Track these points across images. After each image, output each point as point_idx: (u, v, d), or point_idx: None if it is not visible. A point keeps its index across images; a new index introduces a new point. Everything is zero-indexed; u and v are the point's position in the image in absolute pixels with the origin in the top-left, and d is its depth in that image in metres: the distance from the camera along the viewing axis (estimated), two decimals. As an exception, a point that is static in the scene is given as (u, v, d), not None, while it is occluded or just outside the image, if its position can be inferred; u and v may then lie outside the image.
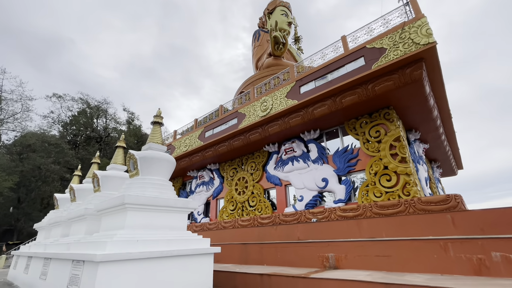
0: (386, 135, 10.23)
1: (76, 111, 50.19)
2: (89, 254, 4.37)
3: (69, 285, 4.99)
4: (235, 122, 14.33)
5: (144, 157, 6.22)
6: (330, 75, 10.76)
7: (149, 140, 6.96)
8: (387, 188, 9.65)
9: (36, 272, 7.27)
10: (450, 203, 7.33)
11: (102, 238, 4.97)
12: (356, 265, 6.34)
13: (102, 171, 8.08)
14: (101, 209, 5.81)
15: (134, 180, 6.02)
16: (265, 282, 6.19)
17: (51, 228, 9.58)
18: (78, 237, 6.73)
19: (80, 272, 4.75)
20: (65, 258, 5.46)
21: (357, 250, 6.50)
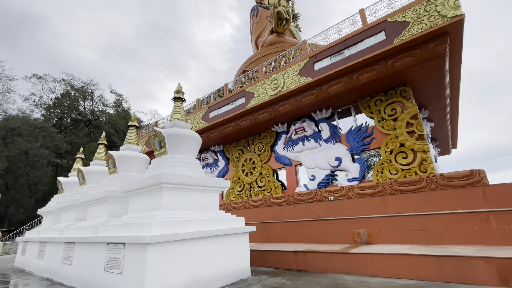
0: (403, 113, 10.15)
1: (59, 93, 47.54)
2: (135, 236, 4.10)
3: (107, 269, 4.74)
4: (242, 102, 13.86)
5: (172, 134, 5.82)
6: (347, 51, 10.40)
7: (173, 117, 6.51)
8: (403, 165, 9.71)
9: (55, 258, 6.95)
10: (474, 178, 7.42)
11: (141, 220, 4.68)
12: (390, 240, 6.43)
13: (116, 151, 7.59)
14: (130, 189, 5.46)
15: (163, 159, 5.66)
16: (300, 259, 6.18)
17: (61, 213, 9.13)
18: (100, 220, 6.39)
19: (120, 255, 4.48)
20: (97, 241, 5.16)
21: (391, 225, 6.55)
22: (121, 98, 51.16)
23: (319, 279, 5.19)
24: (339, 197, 10.01)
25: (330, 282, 4.91)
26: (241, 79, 14.67)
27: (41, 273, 7.53)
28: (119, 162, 7.34)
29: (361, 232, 6.88)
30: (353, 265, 5.43)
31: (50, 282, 6.36)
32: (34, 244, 8.73)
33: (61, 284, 6.17)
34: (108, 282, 4.61)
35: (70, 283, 5.88)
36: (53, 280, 6.61)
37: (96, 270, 5.03)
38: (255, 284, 5.00)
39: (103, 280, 4.75)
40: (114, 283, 4.47)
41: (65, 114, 45.64)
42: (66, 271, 6.20)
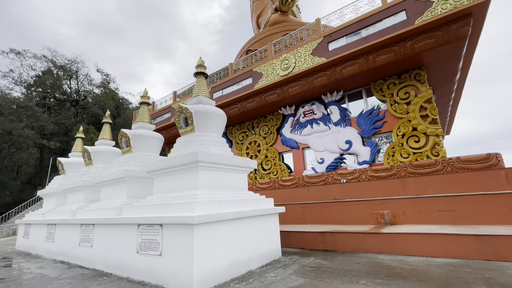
0: (417, 97, 10.10)
1: (40, 70, 44.65)
2: (179, 217, 3.85)
3: (142, 251, 4.51)
4: (249, 82, 13.41)
5: (200, 111, 5.46)
6: (364, 31, 10.08)
7: (197, 93, 6.11)
8: (415, 149, 9.80)
9: (70, 240, 6.62)
10: (491, 161, 7.54)
11: (177, 200, 4.42)
12: (415, 221, 6.53)
13: (130, 129, 7.14)
14: (157, 168, 5.14)
15: (192, 137, 5.33)
16: (328, 240, 6.18)
17: (66, 194, 8.66)
18: (119, 201, 6.06)
19: (158, 236, 4.25)
20: (125, 222, 4.89)
21: (417, 206, 6.63)
22: (108, 78, 48.80)
23: (354, 258, 5.21)
24: (352, 179, 10.04)
25: (367, 261, 4.94)
26: (248, 59, 14.10)
27: (52, 255, 7.20)
28: (134, 141, 6.91)
29: (385, 213, 6.94)
30: (385, 245, 5.48)
31: (67, 265, 6.07)
32: (39, 226, 8.30)
33: (80, 266, 5.91)
34: (143, 264, 4.40)
35: (92, 266, 5.63)
36: (69, 263, 6.32)
37: (126, 252, 4.79)
38: (292, 264, 4.95)
39: (136, 262, 4.53)
40: (151, 265, 4.26)
41: (48, 93, 43.11)
42: (85, 254, 5.92)
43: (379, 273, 4.16)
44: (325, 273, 4.29)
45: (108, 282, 4.45)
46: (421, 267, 4.30)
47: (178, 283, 3.78)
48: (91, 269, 5.55)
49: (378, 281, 3.70)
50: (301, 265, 4.86)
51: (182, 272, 3.76)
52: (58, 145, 31.99)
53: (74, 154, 10.51)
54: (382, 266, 4.51)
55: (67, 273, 5.32)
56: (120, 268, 4.84)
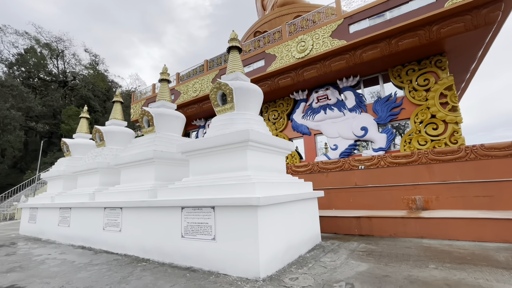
0: (437, 84, 9.99)
1: (22, 48, 41.82)
2: (241, 198, 3.54)
3: (187, 235, 4.20)
4: (261, 65, 12.92)
5: (241, 88, 5.06)
6: (389, 13, 9.74)
7: (233, 69, 5.67)
8: (433, 136, 9.78)
9: (91, 224, 6.21)
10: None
11: (228, 181, 4.09)
12: (449, 206, 6.52)
13: (152, 108, 6.64)
14: (197, 148, 4.76)
15: (233, 116, 4.95)
16: (364, 225, 6.09)
17: (77, 177, 8.11)
18: (148, 183, 5.67)
19: (210, 219, 3.94)
20: (165, 205, 4.54)
21: (452, 191, 6.61)
22: (97, 59, 46.27)
23: (399, 243, 5.14)
24: (370, 166, 9.95)
25: (415, 245, 4.87)
26: (260, 40, 13.51)
27: (68, 241, 6.76)
28: (157, 120, 6.43)
29: (417, 198, 6.91)
30: (428, 229, 5.44)
31: (91, 251, 5.69)
32: (49, 210, 7.77)
33: (107, 252, 5.54)
34: (191, 249, 4.11)
35: (122, 251, 5.28)
36: (92, 248, 5.93)
37: (167, 236, 4.48)
38: (339, 249, 4.82)
39: (181, 247, 4.23)
40: (201, 250, 3.98)
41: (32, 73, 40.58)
42: (112, 239, 5.54)
43: (440, 257, 4.07)
44: (382, 257, 4.17)
45: (152, 267, 4.15)
46: (478, 251, 4.26)
47: (239, 268, 3.53)
48: (122, 254, 5.21)
49: (448, 265, 3.60)
50: (350, 250, 4.74)
51: (244, 257, 3.51)
52: (47, 128, 30.40)
53: (79, 135, 9.85)
54: (436, 250, 4.45)
55: (98, 258, 4.97)
56: (161, 254, 4.53)
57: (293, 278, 3.32)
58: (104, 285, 3.42)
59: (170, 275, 3.74)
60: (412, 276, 3.25)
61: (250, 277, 3.40)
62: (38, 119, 31.13)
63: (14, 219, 17.56)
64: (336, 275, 3.40)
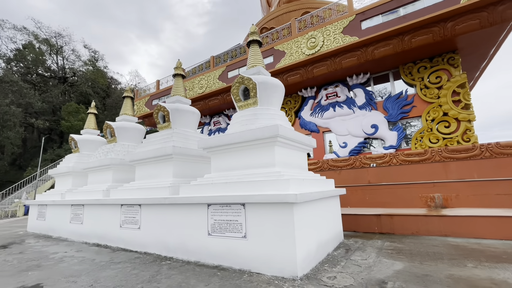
0: (449, 81, 9.92)
1: (20, 43, 41.23)
2: (278, 195, 3.44)
3: (214, 232, 4.09)
4: (270, 61, 12.77)
5: (265, 82, 4.94)
6: (402, 9, 9.63)
7: (255, 63, 5.54)
8: (444, 134, 9.73)
9: (106, 221, 6.08)
10: (533, 146, 7.50)
11: (257, 177, 3.98)
12: (470, 204, 6.46)
13: (168, 104, 6.48)
14: (222, 144, 4.64)
15: (257, 111, 4.83)
16: (385, 222, 6.02)
17: (87, 173, 7.95)
18: (166, 180, 5.54)
19: (240, 217, 3.83)
20: (189, 202, 4.43)
21: (473, 189, 6.56)
22: (96, 55, 45.70)
23: (425, 241, 5.08)
24: (382, 164, 9.89)
25: (443, 243, 4.81)
26: (269, 36, 13.35)
27: (81, 238, 6.62)
28: (173, 116, 6.29)
29: (435, 196, 6.85)
30: (452, 228, 5.38)
31: (109, 249, 5.55)
32: (60, 207, 7.61)
33: (125, 249, 5.42)
34: (219, 247, 4.00)
35: (142, 249, 5.16)
36: (109, 246, 5.80)
37: (192, 234, 4.36)
38: (366, 247, 4.74)
39: (208, 245, 4.12)
40: (231, 248, 3.87)
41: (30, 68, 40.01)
42: (130, 236, 5.41)
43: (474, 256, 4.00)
44: (414, 256, 4.10)
45: (178, 266, 4.04)
46: (510, 250, 4.20)
47: (274, 267, 3.43)
48: (141, 252, 5.08)
49: (486, 264, 3.54)
50: (376, 248, 4.66)
51: (278, 255, 3.41)
52: (47, 125, 30.03)
53: (87, 131, 9.66)
54: (465, 249, 4.39)
55: (117, 256, 4.84)
56: (185, 252, 4.41)
57: (331, 277, 3.23)
58: (135, 284, 3.30)
59: (200, 273, 3.64)
60: (454, 275, 3.17)
61: (286, 276, 3.30)
62: (38, 116, 30.72)
63: (16, 216, 17.33)
64: (374, 274, 3.31)
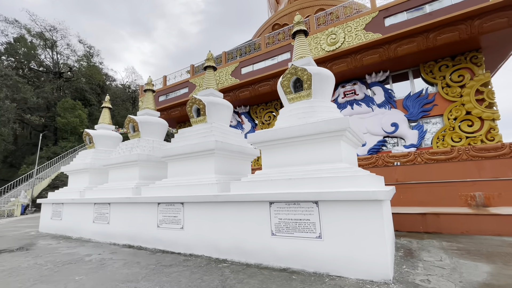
0: (472, 80, 9.88)
1: (12, 37, 39.67)
2: (365, 192, 3.17)
3: (279, 232, 3.81)
4: (287, 57, 12.52)
5: (319, 74, 4.67)
6: (428, 6, 9.53)
7: (303, 54, 5.27)
8: (468, 133, 9.68)
9: (139, 221, 5.69)
10: None
11: (327, 173, 3.71)
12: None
13: (204, 97, 6.13)
14: (278, 138, 4.35)
15: (313, 103, 4.56)
16: (430, 222, 5.86)
17: (108, 170, 7.49)
18: (207, 176, 5.20)
19: (312, 215, 3.56)
20: (248, 200, 4.14)
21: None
22: (91, 51, 44.35)
23: (482, 240, 4.95)
24: (406, 162, 9.77)
25: (504, 243, 4.66)
26: (285, 32, 13.08)
27: (109, 239, 6.19)
28: (209, 110, 5.95)
29: (476, 194, 6.74)
30: (507, 227, 5.24)
31: (146, 251, 5.17)
32: (80, 206, 7.15)
33: (164, 251, 5.04)
34: (287, 249, 3.70)
35: (186, 250, 4.80)
36: (144, 248, 5.41)
37: (251, 235, 4.07)
38: (425, 247, 4.53)
39: (272, 246, 3.82)
40: (302, 249, 3.58)
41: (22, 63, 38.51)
42: (171, 237, 5.05)
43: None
44: (488, 256, 3.94)
45: (240, 269, 3.72)
46: None
47: (358, 269, 3.18)
48: (186, 254, 4.73)
49: None
50: (440, 248, 4.48)
51: (364, 257, 3.16)
52: (42, 121, 28.86)
53: (102, 126, 9.17)
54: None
55: (163, 259, 4.48)
56: (242, 254, 4.10)
57: (424, 280, 3.00)
58: (209, 290, 2.99)
59: (272, 277, 3.34)
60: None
61: (376, 279, 3.05)
62: (31, 112, 29.53)
63: (13, 215, 16.52)
64: (468, 276, 3.11)
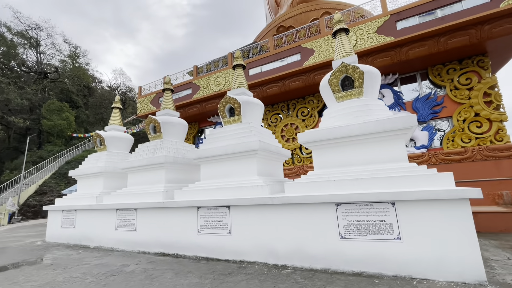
0: (480, 83, 10.23)
1: (-10, 35, 37.41)
2: (454, 191, 3.08)
3: (349, 235, 3.64)
4: (297, 59, 12.49)
5: (369, 71, 4.60)
6: (440, 11, 9.81)
7: (348, 52, 5.19)
8: (477, 134, 10.00)
9: (174, 226, 5.30)
10: None
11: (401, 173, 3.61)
12: None
13: (239, 96, 5.90)
14: (336, 137, 4.21)
15: (367, 102, 4.46)
16: None
17: (128, 174, 6.98)
18: (250, 178, 4.95)
19: (388, 216, 3.42)
20: (307, 202, 3.94)
21: None
22: (77, 51, 42.61)
23: None
24: (421, 163, 9.93)
25: None
26: (295, 34, 13.06)
27: (136, 247, 5.73)
28: (245, 109, 5.72)
29: (504, 193, 6.90)
30: None
31: (188, 259, 4.79)
32: (99, 212, 6.62)
33: (209, 259, 4.72)
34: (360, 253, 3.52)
35: (236, 257, 4.47)
36: (182, 255, 5.04)
37: (315, 238, 3.87)
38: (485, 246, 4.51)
39: (344, 250, 3.63)
40: (381, 252, 3.42)
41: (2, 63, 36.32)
42: (214, 243, 4.73)
43: None
44: None
45: (309, 276, 3.49)
46: None
47: (448, 272, 3.07)
48: (237, 261, 4.43)
49: None
50: (496, 247, 4.46)
51: (453, 258, 3.05)
52: (27, 123, 27.16)
53: (113, 127, 8.65)
54: None
55: (214, 267, 4.14)
56: (305, 258, 3.87)
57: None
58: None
59: (356, 283, 3.16)
60: None
61: (469, 281, 2.96)
62: (12, 114, 27.71)
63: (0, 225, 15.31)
64: None
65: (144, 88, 18.60)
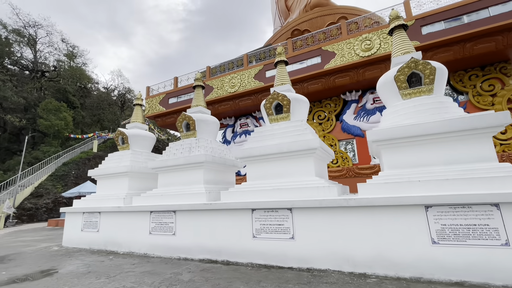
0: (503, 89, 10.28)
1: (-15, 32, 36.21)
2: None
3: (443, 240, 3.34)
4: (317, 62, 12.35)
5: (440, 68, 4.39)
6: (466, 17, 9.85)
7: (409, 49, 4.99)
8: (501, 140, 9.98)
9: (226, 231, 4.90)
10: None
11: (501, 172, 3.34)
12: None
13: (288, 92, 5.59)
14: (411, 135, 3.93)
15: (441, 99, 4.25)
16: None
17: (159, 174, 6.46)
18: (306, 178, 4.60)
19: (492, 220, 3.14)
20: (389, 204, 3.63)
21: None
22: (75, 51, 41.59)
23: None
24: (448, 168, 9.79)
25: None
26: (315, 36, 12.94)
27: (176, 253, 5.23)
28: (294, 107, 5.42)
29: None
30: None
31: (242, 266, 4.33)
32: (128, 215, 6.08)
33: (268, 266, 4.28)
34: (460, 261, 3.21)
35: (302, 264, 4.03)
36: (236, 262, 4.57)
37: (397, 245, 3.55)
38: None
39: (437, 257, 3.31)
40: (483, 259, 3.13)
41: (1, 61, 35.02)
42: (273, 249, 4.32)
43: None
44: None
45: (404, 286, 3.16)
46: None
47: None
48: (303, 269, 3.93)
49: None
50: None
51: None
52: (23, 122, 26.02)
53: (136, 125, 8.18)
54: None
55: (282, 275, 3.73)
56: (389, 266, 3.48)
57: None
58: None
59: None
60: None
61: None
62: (7, 112, 26.53)
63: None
64: None
65: (152, 88, 18.12)
